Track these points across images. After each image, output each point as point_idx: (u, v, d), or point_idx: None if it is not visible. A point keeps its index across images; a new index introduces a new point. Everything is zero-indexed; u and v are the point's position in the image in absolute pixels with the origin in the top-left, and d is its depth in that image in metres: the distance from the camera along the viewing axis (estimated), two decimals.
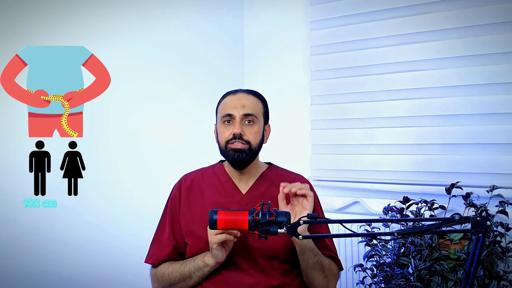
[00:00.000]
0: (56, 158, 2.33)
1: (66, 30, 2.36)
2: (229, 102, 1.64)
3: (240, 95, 1.64)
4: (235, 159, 1.60)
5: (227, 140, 1.60)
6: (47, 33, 2.34)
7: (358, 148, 2.71)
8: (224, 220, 1.32)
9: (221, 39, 2.93)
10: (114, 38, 2.47)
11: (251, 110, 1.62)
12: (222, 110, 1.64)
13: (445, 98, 2.44)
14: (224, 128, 1.62)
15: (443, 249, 2.00)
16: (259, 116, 1.64)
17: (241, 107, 1.61)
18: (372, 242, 2.10)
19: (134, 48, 2.55)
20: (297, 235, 1.26)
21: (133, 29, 2.54)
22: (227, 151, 1.60)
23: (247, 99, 1.63)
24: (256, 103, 1.65)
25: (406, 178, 2.53)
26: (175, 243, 1.64)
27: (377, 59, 2.62)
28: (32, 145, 2.29)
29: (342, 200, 2.72)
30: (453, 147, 2.42)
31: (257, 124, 1.63)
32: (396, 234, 1.23)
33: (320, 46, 2.83)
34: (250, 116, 1.61)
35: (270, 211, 1.29)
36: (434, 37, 2.45)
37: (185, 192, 1.67)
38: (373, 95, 2.65)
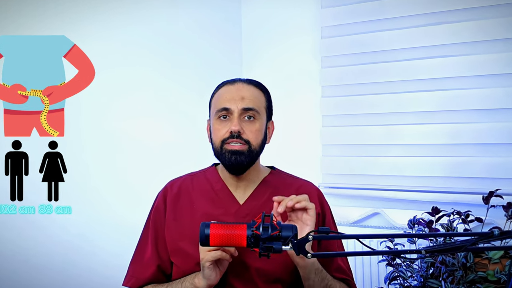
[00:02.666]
0: (34, 160, 2.36)
1: (46, 17, 2.38)
2: (226, 93, 1.63)
3: (239, 85, 1.64)
4: (232, 162, 1.59)
5: (222, 139, 1.60)
6: (24, 21, 2.36)
7: (378, 149, 2.71)
8: (218, 235, 1.31)
9: (215, 19, 2.94)
10: (98, 26, 2.50)
11: (252, 104, 1.61)
12: (217, 103, 1.63)
13: (482, 89, 2.44)
14: (219, 124, 1.61)
15: (480, 270, 2.00)
16: (261, 111, 1.63)
17: (240, 99, 1.60)
18: (395, 261, 2.10)
19: (121, 37, 2.57)
20: (305, 252, 1.26)
21: (119, 16, 2.57)
22: (223, 153, 1.60)
23: (247, 90, 1.63)
24: (257, 95, 1.65)
25: (436, 184, 2.54)
26: (159, 263, 1.64)
27: (400, 43, 2.63)
28: (8, 145, 2.34)
29: (359, 212, 2.72)
30: (491, 147, 2.43)
31: (259, 121, 1.62)
32: (424, 252, 1.23)
33: (333, 27, 2.83)
34: (251, 110, 1.61)
35: (273, 224, 1.28)
36: (469, 16, 2.46)
37: (171, 201, 1.67)
38: (395, 85, 2.65)
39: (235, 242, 1.31)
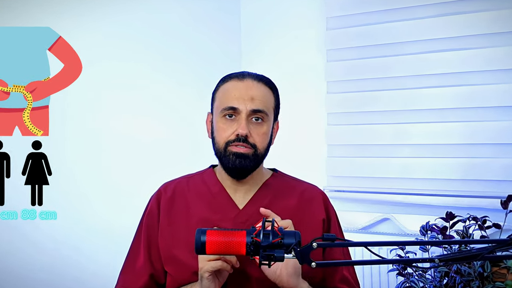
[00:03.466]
0: (17, 161, 2.37)
1: (29, 8, 2.38)
2: (234, 90, 1.61)
3: (249, 83, 1.62)
4: (236, 165, 1.58)
5: (227, 141, 1.59)
6: (6, 12, 2.36)
7: (388, 150, 2.71)
8: (215, 243, 1.30)
9: (211, 10, 2.93)
10: (86, 17, 2.49)
11: (262, 106, 1.60)
12: (224, 100, 1.62)
13: (500, 84, 2.44)
14: (224, 123, 1.60)
15: (498, 280, 2.00)
16: (269, 113, 1.63)
17: (250, 100, 1.59)
18: (406, 270, 2.09)
19: (109, 29, 2.57)
20: (310, 261, 1.25)
21: (108, 7, 2.57)
22: (227, 155, 1.59)
23: (257, 90, 1.62)
24: (268, 96, 1.64)
25: (450, 188, 2.53)
26: (152, 271, 1.64)
27: (411, 35, 2.63)
28: None
29: (367, 217, 2.72)
30: (510, 148, 2.42)
31: (266, 123, 1.62)
32: (438, 260, 1.22)
33: (339, 18, 2.83)
34: (260, 112, 1.60)
35: (274, 230, 1.27)
36: (485, 6, 2.46)
37: (165, 205, 1.66)
38: (406, 80, 2.65)
39: (233, 250, 1.30)
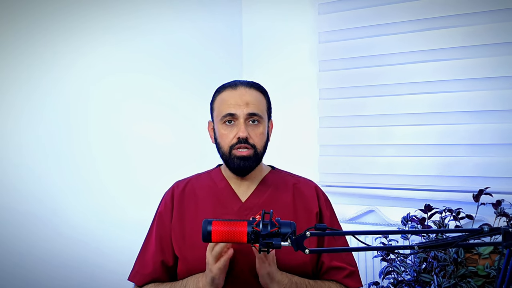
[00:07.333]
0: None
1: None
2: (230, 98, 1.62)
3: (242, 90, 1.63)
4: (241, 167, 1.60)
5: (230, 145, 1.60)
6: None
7: (373, 149, 2.71)
8: (220, 232, 1.31)
9: (216, 27, 2.93)
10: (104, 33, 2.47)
11: (256, 109, 1.61)
12: (222, 108, 1.63)
13: (473, 91, 2.44)
14: (225, 129, 1.61)
15: (470, 265, 2.00)
16: (264, 115, 1.64)
17: (245, 105, 1.60)
18: (389, 256, 2.10)
19: (125, 45, 2.55)
20: (303, 248, 1.26)
21: (118, 18, 2.53)
22: (231, 158, 1.60)
23: (250, 95, 1.63)
24: (260, 99, 1.65)
25: (428, 183, 2.54)
26: (162, 258, 1.64)
27: (395, 47, 2.63)
28: None
29: (355, 209, 2.72)
30: (482, 148, 2.42)
31: (262, 124, 1.63)
32: (417, 247, 1.23)
33: (330, 32, 2.83)
34: (255, 115, 1.61)
35: (272, 221, 1.29)
36: (460, 22, 2.46)
37: (178, 200, 1.67)
38: (390, 88, 2.65)
39: (236, 239, 1.31)
